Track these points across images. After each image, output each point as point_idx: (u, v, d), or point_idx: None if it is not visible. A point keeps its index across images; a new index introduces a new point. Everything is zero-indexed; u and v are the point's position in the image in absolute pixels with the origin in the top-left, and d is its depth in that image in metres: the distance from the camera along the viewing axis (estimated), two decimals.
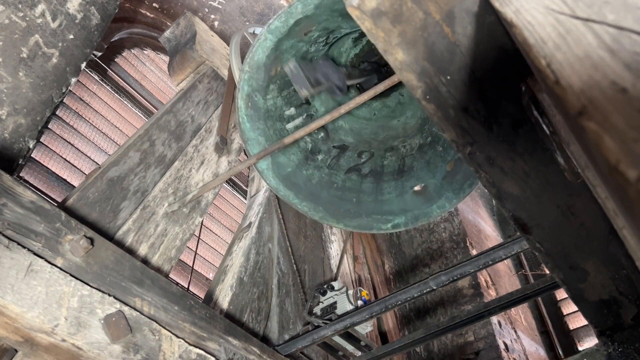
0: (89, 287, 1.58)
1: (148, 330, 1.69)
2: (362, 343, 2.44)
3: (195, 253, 3.26)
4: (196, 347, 1.83)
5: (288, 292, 2.59)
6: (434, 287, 1.94)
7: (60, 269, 1.53)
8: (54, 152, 2.76)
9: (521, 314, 4.07)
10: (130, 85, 3.39)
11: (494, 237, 4.57)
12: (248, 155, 1.73)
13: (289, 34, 1.50)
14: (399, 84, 1.86)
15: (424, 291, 1.96)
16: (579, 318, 4.19)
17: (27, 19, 1.83)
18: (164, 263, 2.08)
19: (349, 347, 2.45)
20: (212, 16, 3.66)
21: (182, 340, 1.80)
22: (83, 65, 2.03)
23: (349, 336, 2.39)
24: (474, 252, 3.93)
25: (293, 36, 1.53)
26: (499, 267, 4.19)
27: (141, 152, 2.21)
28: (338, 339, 2.38)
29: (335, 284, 2.53)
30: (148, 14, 3.58)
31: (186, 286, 3.09)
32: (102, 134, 3.07)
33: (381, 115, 1.98)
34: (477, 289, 3.62)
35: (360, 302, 2.37)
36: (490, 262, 1.85)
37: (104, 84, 3.20)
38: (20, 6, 1.82)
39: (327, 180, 1.81)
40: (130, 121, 3.29)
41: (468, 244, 3.97)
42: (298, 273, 2.73)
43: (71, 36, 1.98)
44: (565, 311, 4.37)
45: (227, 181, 3.75)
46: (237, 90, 1.63)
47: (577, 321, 4.24)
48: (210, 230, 3.59)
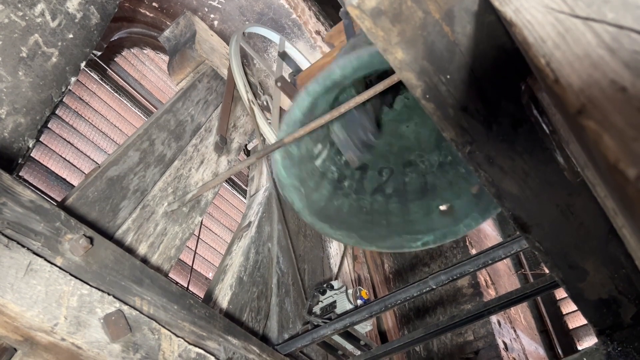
0: (88, 286, 1.58)
1: (147, 330, 1.69)
2: (362, 342, 2.44)
3: (195, 252, 3.27)
4: (196, 346, 1.83)
5: (288, 292, 2.59)
6: (434, 287, 1.95)
7: (60, 268, 1.53)
8: (54, 151, 2.76)
9: (520, 313, 4.08)
10: (129, 85, 3.39)
11: (493, 237, 4.57)
12: (291, 202, 1.77)
13: (324, 93, 1.56)
14: (402, 87, 1.87)
15: (424, 290, 1.97)
16: (579, 317, 4.20)
17: (27, 18, 1.83)
18: (164, 262, 2.08)
19: (348, 346, 2.45)
20: (212, 15, 3.66)
21: (182, 340, 1.80)
22: (82, 65, 2.02)
23: (349, 335, 2.39)
24: (473, 252, 3.93)
25: (327, 92, 1.59)
26: (499, 266, 4.19)
27: (141, 151, 2.21)
28: (337, 338, 2.39)
29: (335, 283, 2.53)
30: (147, 13, 3.58)
31: (186, 285, 3.09)
32: (101, 133, 3.07)
33: (388, 119, 1.99)
34: (476, 288, 3.62)
35: (359, 302, 2.37)
36: (490, 262, 1.85)
37: (103, 84, 3.20)
38: (19, 5, 1.82)
39: (356, 206, 1.85)
40: (129, 120, 3.28)
41: (467, 243, 3.97)
42: (298, 272, 2.73)
43: (70, 35, 1.98)
44: (564, 310, 4.37)
45: (226, 180, 3.75)
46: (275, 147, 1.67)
47: (577, 320, 4.25)
48: (210, 229, 3.60)
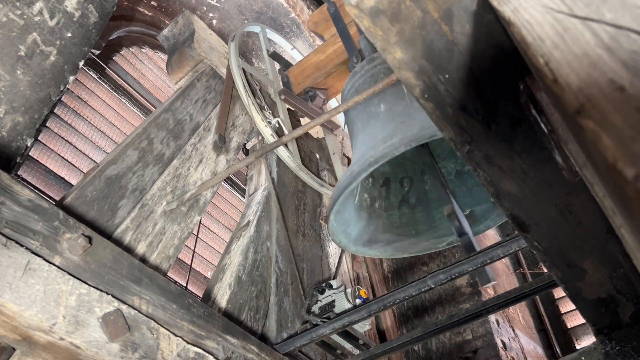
0: (87, 286, 1.58)
1: (146, 329, 1.69)
2: (361, 341, 2.44)
3: (194, 252, 3.26)
4: (194, 345, 1.83)
5: (286, 291, 2.59)
6: (432, 286, 1.95)
7: (58, 267, 1.52)
8: (52, 150, 2.75)
9: (519, 312, 4.08)
10: (128, 84, 3.39)
11: (492, 236, 4.58)
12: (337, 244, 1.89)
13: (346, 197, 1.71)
14: None
15: (422, 290, 1.97)
16: (577, 316, 4.21)
17: (25, 16, 1.83)
18: (162, 261, 2.08)
19: (347, 345, 2.45)
20: (211, 14, 3.65)
21: (181, 339, 1.80)
22: (81, 64, 2.02)
23: (347, 334, 2.39)
24: None
25: (373, 187, 1.84)
26: (497, 265, 4.19)
27: (139, 150, 2.21)
28: (336, 338, 2.38)
29: (334, 283, 2.53)
30: (146, 12, 3.57)
31: (184, 285, 3.09)
32: (100, 132, 3.06)
33: None
34: (475, 288, 3.62)
35: (358, 301, 2.37)
36: (489, 261, 1.85)
37: (102, 83, 3.20)
38: (18, 4, 1.81)
39: (388, 223, 1.96)
40: (128, 119, 3.28)
41: None
42: (297, 272, 2.73)
43: (69, 34, 1.97)
44: (563, 309, 4.38)
45: (225, 180, 3.75)
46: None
47: (575, 319, 4.26)
48: (209, 228, 3.59)
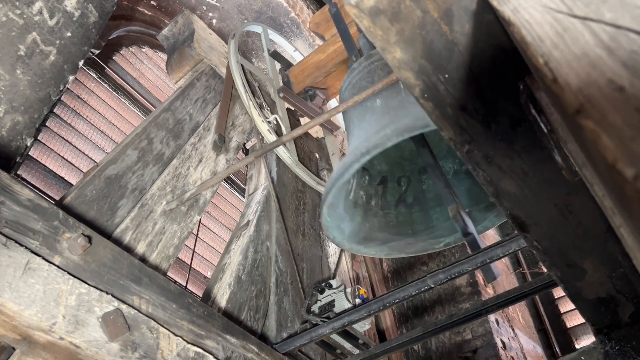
0: (86, 285, 1.58)
1: (146, 329, 1.69)
2: (360, 341, 2.44)
3: (194, 251, 3.26)
4: (194, 345, 1.83)
5: (286, 291, 2.59)
6: (432, 285, 1.95)
7: (58, 267, 1.52)
8: (52, 150, 2.75)
9: (519, 312, 4.08)
10: (128, 83, 3.38)
11: (491, 235, 4.58)
12: (333, 242, 1.86)
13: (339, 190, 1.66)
14: None
15: (422, 289, 1.97)
16: (577, 316, 4.21)
17: (25, 16, 1.83)
18: (162, 261, 2.08)
19: (346, 345, 2.45)
20: (210, 14, 3.65)
21: (180, 339, 1.80)
22: (81, 63, 2.02)
23: (347, 334, 2.39)
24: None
25: (362, 176, 1.77)
26: (497, 265, 4.19)
27: (139, 150, 2.21)
28: (336, 337, 2.39)
29: (333, 282, 2.53)
30: (146, 11, 3.57)
31: (184, 284, 3.09)
32: (100, 132, 3.06)
33: None
34: (474, 287, 3.62)
35: (358, 300, 2.37)
36: (488, 260, 1.86)
37: (101, 82, 3.20)
38: (17, 4, 1.81)
39: (384, 222, 1.92)
40: (128, 119, 3.28)
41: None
42: (296, 271, 2.73)
43: (69, 34, 1.97)
44: (562, 309, 4.38)
45: (225, 179, 3.75)
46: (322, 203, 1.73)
47: (575, 319, 4.26)
48: (208, 228, 3.59)
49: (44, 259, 1.49)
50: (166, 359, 1.71)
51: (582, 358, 1.42)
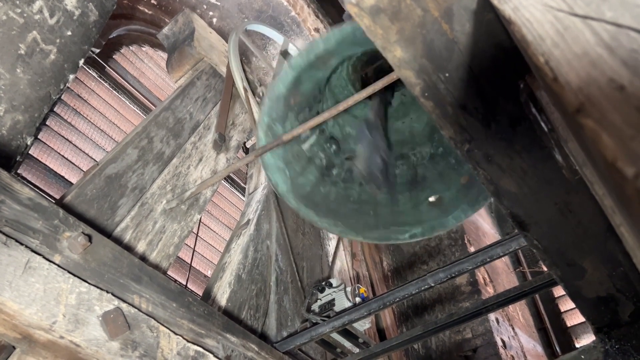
0: (87, 284, 1.58)
1: (146, 327, 1.69)
2: (360, 340, 2.44)
3: (194, 250, 3.26)
4: (194, 343, 1.84)
5: (286, 289, 2.60)
6: (432, 284, 1.95)
7: (58, 265, 1.53)
8: (52, 149, 2.75)
9: (519, 311, 4.09)
10: (128, 82, 3.38)
11: (491, 235, 4.58)
12: (275, 189, 1.75)
13: (309, 67, 1.53)
14: (399, 83, 1.86)
15: (422, 288, 1.97)
16: (577, 315, 4.21)
17: (25, 15, 1.82)
18: (162, 260, 2.08)
19: (347, 344, 2.45)
20: (211, 13, 3.65)
21: (180, 337, 1.80)
22: (81, 62, 2.02)
23: (347, 333, 2.39)
24: (471, 250, 3.93)
25: (312, 68, 1.56)
26: (497, 264, 4.20)
27: (139, 149, 2.21)
28: (336, 336, 2.39)
29: (334, 281, 2.53)
30: (146, 10, 3.57)
31: (184, 283, 3.09)
32: (100, 131, 3.06)
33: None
34: (474, 286, 3.63)
35: (358, 299, 2.37)
36: (488, 260, 1.86)
37: (102, 81, 3.19)
38: (18, 2, 1.81)
39: (344, 194, 1.82)
40: (128, 118, 3.28)
41: (466, 241, 3.98)
42: (296, 270, 2.73)
43: (69, 33, 1.97)
44: (562, 308, 4.38)
45: (225, 178, 3.75)
46: (257, 123, 1.63)
47: (575, 318, 4.26)
48: (209, 227, 3.59)
49: (44, 257, 1.49)
50: (166, 358, 1.71)
51: (582, 357, 1.42)
